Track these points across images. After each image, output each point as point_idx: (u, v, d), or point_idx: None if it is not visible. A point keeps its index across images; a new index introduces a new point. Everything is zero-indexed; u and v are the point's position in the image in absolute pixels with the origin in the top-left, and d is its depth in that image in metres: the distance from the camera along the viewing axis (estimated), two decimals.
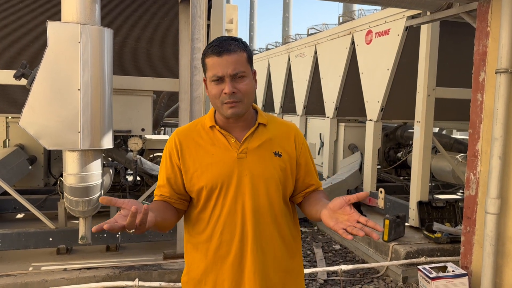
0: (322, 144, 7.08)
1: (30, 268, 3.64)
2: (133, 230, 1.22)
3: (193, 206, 1.57)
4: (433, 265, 3.51)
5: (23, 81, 3.26)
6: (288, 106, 8.67)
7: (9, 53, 3.87)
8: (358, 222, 1.29)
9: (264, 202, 1.52)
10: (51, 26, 2.95)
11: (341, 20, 7.19)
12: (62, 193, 3.97)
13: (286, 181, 1.58)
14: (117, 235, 3.93)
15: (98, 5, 3.11)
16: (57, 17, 3.10)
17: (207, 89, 1.55)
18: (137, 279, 3.39)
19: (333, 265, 4.58)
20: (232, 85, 1.44)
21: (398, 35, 5.11)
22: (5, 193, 4.16)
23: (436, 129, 7.50)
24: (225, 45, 1.45)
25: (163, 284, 3.40)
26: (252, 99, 1.53)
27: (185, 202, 1.60)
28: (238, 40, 1.51)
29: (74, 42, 2.97)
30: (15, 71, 3.21)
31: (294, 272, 1.61)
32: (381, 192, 5.54)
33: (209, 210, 1.53)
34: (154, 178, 4.91)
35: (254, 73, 1.56)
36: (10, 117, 5.32)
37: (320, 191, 1.68)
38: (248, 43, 1.76)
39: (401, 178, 6.78)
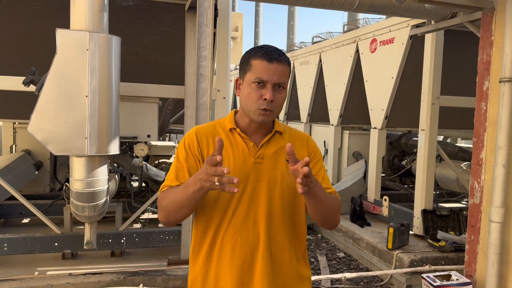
0: (326, 151, 7.09)
1: (36, 273, 3.66)
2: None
3: (205, 208, 1.56)
4: (437, 273, 3.50)
5: (32, 88, 3.30)
6: (293, 113, 8.69)
7: (19, 60, 3.93)
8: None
9: (277, 207, 1.55)
10: (60, 34, 3.01)
11: (345, 29, 7.22)
12: (68, 198, 4.01)
13: None
14: (122, 241, 3.95)
15: (106, 13, 3.16)
16: (66, 24, 3.15)
17: (237, 89, 1.57)
18: (141, 285, 3.41)
19: (337, 273, 4.58)
20: (273, 93, 1.49)
21: (403, 43, 5.14)
22: (12, 198, 4.20)
23: (441, 138, 7.49)
24: (276, 54, 1.51)
25: None
26: (280, 111, 1.55)
27: None
28: (285, 55, 1.56)
29: (82, 50, 3.02)
30: (24, 77, 3.26)
31: (302, 277, 1.63)
32: (385, 200, 5.54)
33: (222, 213, 1.53)
34: (159, 184, 4.93)
35: None
36: (17, 123, 5.38)
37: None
38: None
39: (406, 186, 6.77)
